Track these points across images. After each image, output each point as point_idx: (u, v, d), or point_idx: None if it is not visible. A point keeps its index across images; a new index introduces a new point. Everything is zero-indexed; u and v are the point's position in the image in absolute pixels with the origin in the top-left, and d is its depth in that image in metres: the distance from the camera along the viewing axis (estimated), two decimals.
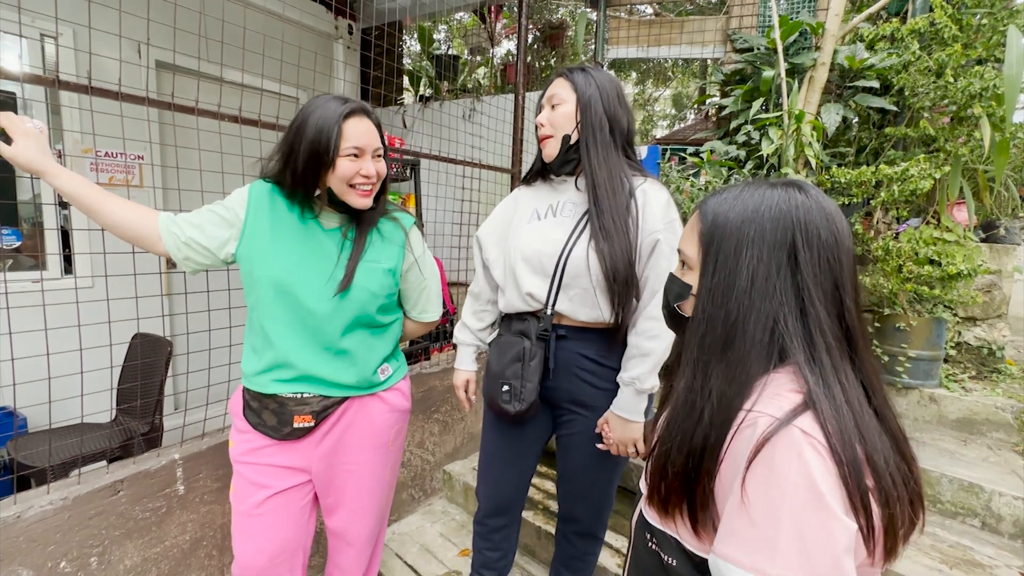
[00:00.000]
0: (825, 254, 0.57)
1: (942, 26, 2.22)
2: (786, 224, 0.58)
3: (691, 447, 0.58)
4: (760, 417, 0.53)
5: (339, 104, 1.06)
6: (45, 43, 2.56)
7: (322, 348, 1.14)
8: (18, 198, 2.59)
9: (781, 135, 2.31)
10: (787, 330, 0.57)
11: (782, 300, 0.57)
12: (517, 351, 1.21)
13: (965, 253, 2.05)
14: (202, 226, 1.12)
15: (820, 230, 0.58)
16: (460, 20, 6.61)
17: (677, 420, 0.60)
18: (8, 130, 0.97)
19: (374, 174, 1.11)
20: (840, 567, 0.47)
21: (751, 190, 0.62)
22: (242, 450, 1.17)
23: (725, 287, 0.59)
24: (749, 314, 0.57)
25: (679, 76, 10.44)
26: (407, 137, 3.78)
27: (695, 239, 0.64)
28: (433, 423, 2.20)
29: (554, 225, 1.21)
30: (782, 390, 0.55)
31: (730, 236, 0.60)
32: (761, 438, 0.52)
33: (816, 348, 0.56)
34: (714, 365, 0.58)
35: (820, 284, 0.57)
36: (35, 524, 1.17)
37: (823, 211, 0.59)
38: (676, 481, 0.59)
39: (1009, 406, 2.00)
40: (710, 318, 0.60)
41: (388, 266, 1.19)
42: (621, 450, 1.17)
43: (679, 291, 0.67)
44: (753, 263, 0.58)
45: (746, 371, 0.57)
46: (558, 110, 1.18)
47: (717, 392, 0.57)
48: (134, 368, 2.14)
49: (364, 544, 1.33)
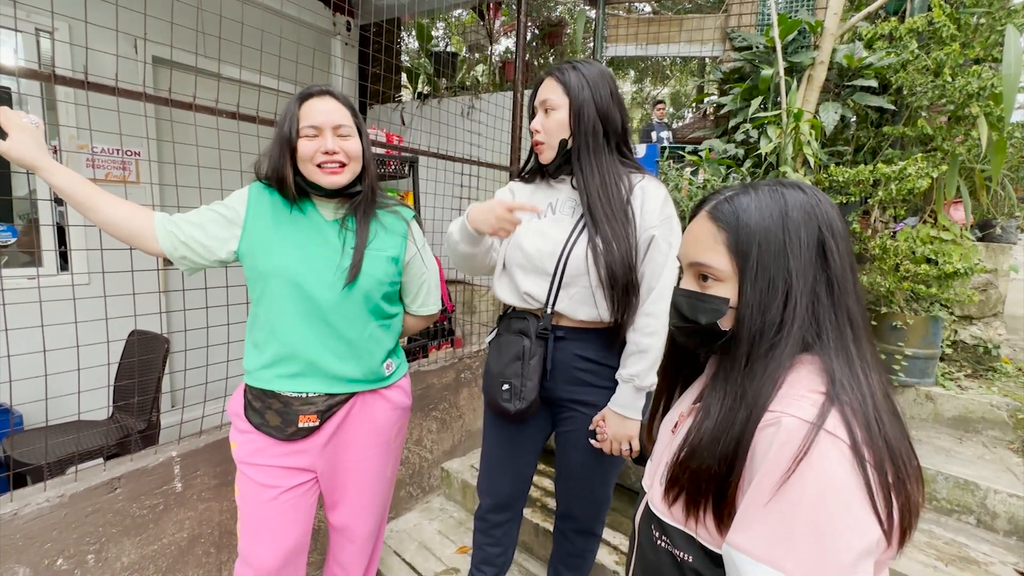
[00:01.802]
0: (845, 247, 0.60)
1: (940, 25, 2.22)
2: (813, 223, 0.60)
3: (724, 451, 0.58)
4: (784, 417, 0.53)
5: (301, 92, 1.11)
6: (41, 38, 2.54)
7: (330, 339, 1.14)
8: (14, 194, 2.57)
9: (779, 134, 2.31)
10: (822, 324, 0.58)
11: (815, 296, 0.59)
12: (517, 350, 1.21)
13: (962, 252, 2.05)
14: (203, 225, 1.12)
15: (840, 225, 0.60)
16: (459, 17, 6.60)
17: (719, 428, 0.59)
18: (3, 125, 0.96)
19: (337, 150, 1.10)
20: (856, 569, 0.47)
21: (765, 194, 0.62)
22: (246, 451, 1.16)
23: (772, 292, 0.59)
24: (795, 314, 0.58)
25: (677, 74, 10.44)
26: (405, 134, 3.77)
27: (721, 249, 0.62)
28: (431, 421, 2.19)
29: (553, 223, 1.21)
30: (803, 390, 0.55)
31: (768, 241, 0.60)
32: (787, 438, 0.52)
33: (845, 338, 0.58)
34: (759, 370, 0.59)
35: (848, 276, 0.59)
36: (32, 521, 1.16)
37: (833, 206, 0.62)
38: (711, 487, 0.59)
39: (1004, 404, 2.01)
40: (761, 328, 0.59)
41: (391, 254, 1.20)
42: (614, 448, 1.16)
43: (713, 307, 0.63)
44: (793, 264, 0.59)
45: (780, 368, 0.58)
46: (552, 116, 1.17)
47: (751, 393, 0.58)
48: (131, 365, 2.13)
49: (366, 540, 1.34)
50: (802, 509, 0.49)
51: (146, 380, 2.08)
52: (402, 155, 2.94)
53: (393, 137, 2.97)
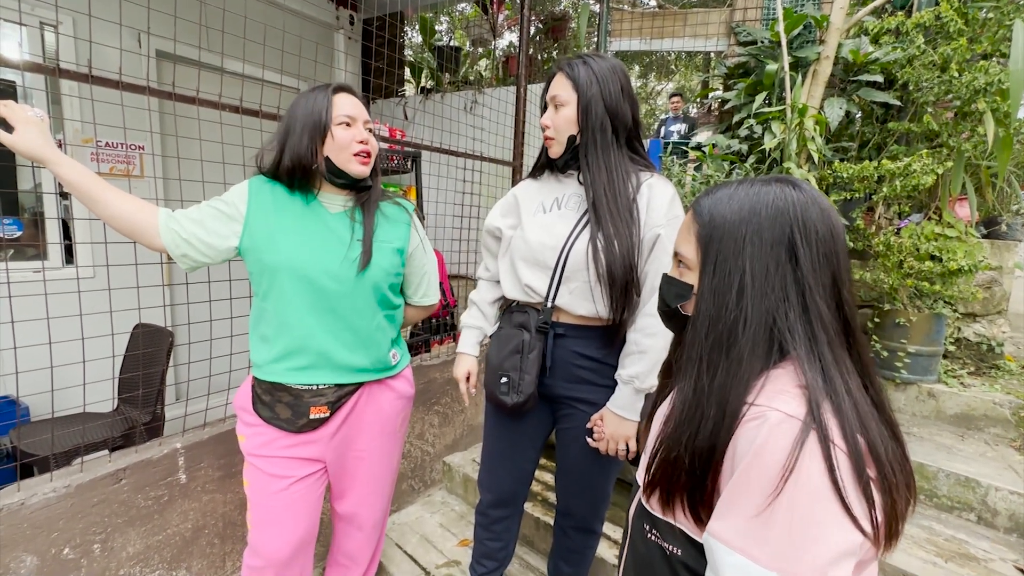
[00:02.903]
0: (823, 249, 0.58)
1: (947, 20, 2.20)
2: (783, 221, 0.59)
3: (696, 446, 0.58)
4: (769, 411, 0.54)
5: (326, 85, 1.14)
6: (45, 32, 2.55)
7: (340, 330, 1.15)
8: (19, 188, 2.59)
9: (784, 129, 2.30)
10: (788, 326, 0.57)
11: (782, 296, 0.58)
12: (516, 343, 1.21)
13: (966, 249, 2.04)
14: (203, 221, 1.12)
15: (817, 225, 0.59)
16: (462, 11, 6.57)
17: (682, 419, 0.61)
18: (9, 119, 0.97)
19: (370, 140, 1.15)
20: (834, 568, 0.48)
21: (745, 188, 0.62)
22: (255, 443, 1.17)
23: (726, 286, 0.60)
24: (751, 312, 0.58)
25: (682, 69, 10.38)
26: (408, 129, 3.77)
27: (692, 239, 0.65)
28: (433, 415, 2.21)
29: (558, 218, 1.21)
30: (786, 385, 0.56)
31: (729, 235, 0.60)
32: (770, 432, 0.53)
33: (818, 342, 0.57)
34: (717, 363, 0.59)
35: (820, 279, 0.58)
36: (39, 511, 1.18)
37: (818, 206, 0.60)
38: (682, 478, 0.60)
39: (1007, 402, 2.01)
40: (712, 317, 0.60)
41: (397, 245, 1.22)
42: (611, 447, 1.15)
43: (680, 292, 0.68)
44: (753, 261, 0.59)
45: (748, 367, 0.57)
46: (560, 112, 1.16)
47: (720, 390, 0.58)
48: (136, 358, 2.15)
49: (372, 529, 1.36)
50: (781, 503, 0.50)
51: (151, 373, 2.10)
52: (405, 150, 2.94)
53: (396, 132, 2.97)
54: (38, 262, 2.57)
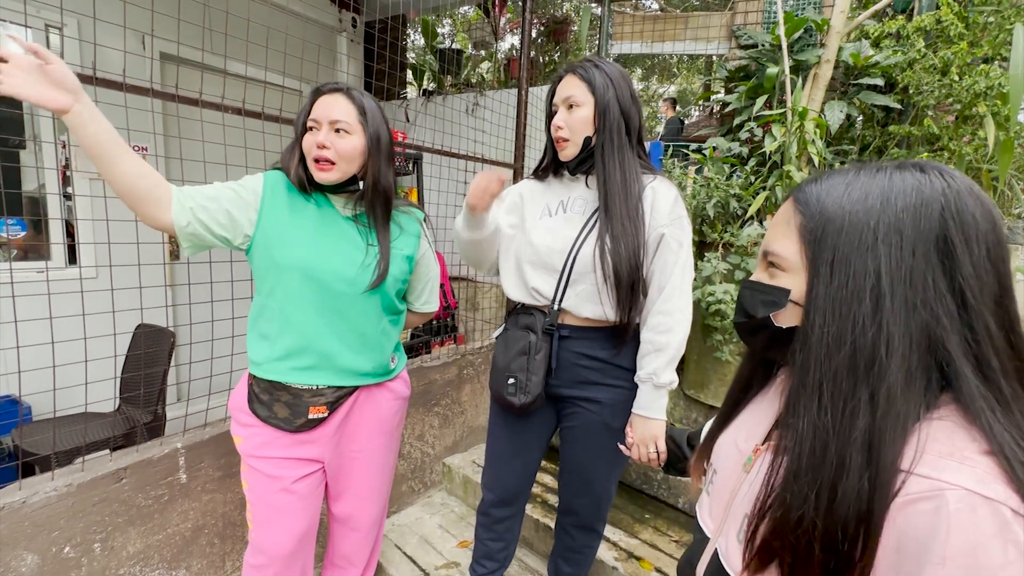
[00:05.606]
0: (989, 250, 0.45)
1: (948, 24, 2.20)
2: (931, 213, 0.45)
3: (837, 512, 0.43)
4: (947, 490, 0.40)
5: (318, 87, 1.13)
6: (50, 34, 2.57)
7: (346, 332, 1.15)
8: (23, 188, 2.60)
9: (784, 132, 2.31)
10: (950, 350, 0.43)
11: (935, 311, 0.44)
12: (523, 345, 1.22)
13: None
14: (219, 199, 1.07)
15: (978, 219, 0.45)
16: (464, 14, 6.59)
17: (806, 468, 0.46)
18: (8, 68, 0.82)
19: (327, 144, 1.06)
20: None
21: (869, 174, 0.50)
22: (253, 444, 1.17)
23: (852, 293, 0.46)
24: (893, 328, 0.44)
25: (684, 72, 10.40)
26: (410, 131, 3.78)
27: (793, 234, 0.52)
28: (433, 416, 2.21)
29: (564, 221, 1.22)
30: (960, 442, 0.42)
31: (853, 229, 0.47)
32: (960, 522, 0.39)
33: (993, 372, 0.43)
34: (851, 397, 0.45)
35: (986, 288, 0.44)
36: (40, 510, 1.18)
37: (975, 195, 0.46)
38: (816, 552, 0.45)
39: None
40: (835, 333, 0.47)
41: (407, 253, 1.22)
42: (642, 452, 1.16)
43: (772, 299, 0.54)
44: (890, 264, 0.45)
45: (905, 406, 0.44)
46: (575, 113, 1.16)
47: (864, 433, 0.43)
48: (137, 358, 2.16)
49: (369, 529, 1.36)
50: None
51: (152, 373, 2.11)
52: (407, 152, 2.95)
53: (398, 134, 2.98)
54: (42, 262, 2.58)
